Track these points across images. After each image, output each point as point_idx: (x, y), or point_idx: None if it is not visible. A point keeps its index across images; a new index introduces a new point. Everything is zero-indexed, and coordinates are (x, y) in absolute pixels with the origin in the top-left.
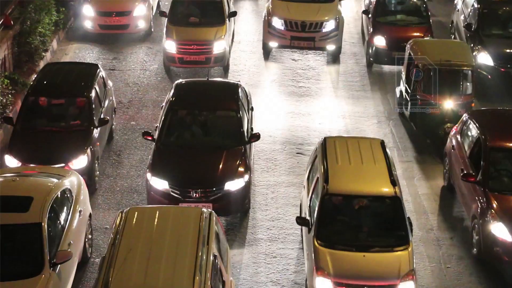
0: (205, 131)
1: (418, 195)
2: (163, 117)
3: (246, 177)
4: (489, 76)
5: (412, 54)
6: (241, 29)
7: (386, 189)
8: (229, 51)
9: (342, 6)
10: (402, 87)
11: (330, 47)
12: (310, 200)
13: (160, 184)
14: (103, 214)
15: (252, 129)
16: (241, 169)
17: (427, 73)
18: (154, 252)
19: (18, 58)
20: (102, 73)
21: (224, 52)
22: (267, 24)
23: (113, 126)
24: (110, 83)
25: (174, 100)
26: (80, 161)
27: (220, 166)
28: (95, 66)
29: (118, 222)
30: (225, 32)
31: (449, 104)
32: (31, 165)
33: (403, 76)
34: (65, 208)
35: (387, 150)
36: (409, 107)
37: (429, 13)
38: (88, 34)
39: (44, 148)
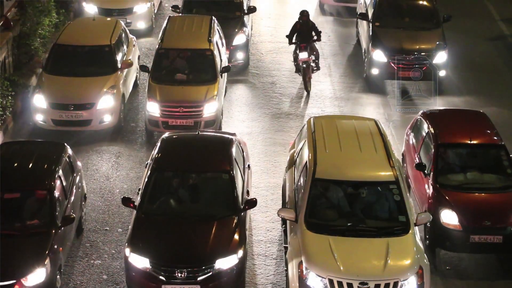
0: (194, 197)
1: None
2: (146, 180)
3: (240, 252)
4: None
5: None
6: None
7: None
8: (222, 113)
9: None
10: None
11: None
12: None
13: (141, 262)
14: (103, 216)
15: (248, 192)
16: (234, 243)
17: None
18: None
19: (18, 60)
20: (69, 153)
21: (216, 115)
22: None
23: (83, 219)
24: (79, 164)
25: (159, 159)
26: (37, 276)
27: (210, 240)
28: (61, 146)
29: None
30: (217, 91)
31: None
32: None
33: None
34: None
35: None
36: None
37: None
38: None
39: None
